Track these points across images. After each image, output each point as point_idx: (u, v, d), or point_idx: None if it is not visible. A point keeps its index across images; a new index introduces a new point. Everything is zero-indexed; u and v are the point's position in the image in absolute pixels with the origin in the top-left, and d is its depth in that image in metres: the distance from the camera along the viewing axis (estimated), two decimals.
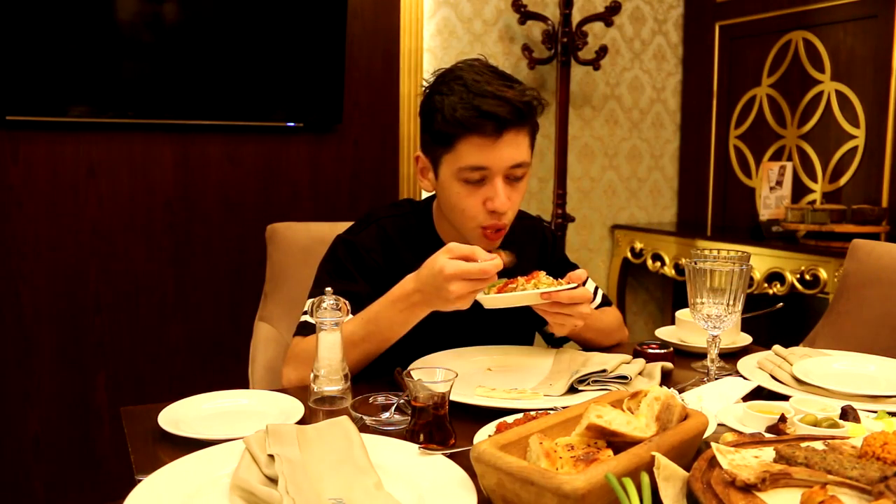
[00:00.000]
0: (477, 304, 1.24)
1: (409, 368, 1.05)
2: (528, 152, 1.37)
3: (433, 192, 1.46)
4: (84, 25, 2.32)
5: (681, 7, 3.52)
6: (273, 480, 0.85)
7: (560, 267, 1.64)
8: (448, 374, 1.02)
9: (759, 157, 3.26)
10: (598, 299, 1.58)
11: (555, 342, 1.60)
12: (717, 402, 1.13)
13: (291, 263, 1.80)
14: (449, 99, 1.31)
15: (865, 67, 2.85)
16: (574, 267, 1.69)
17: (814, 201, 3.01)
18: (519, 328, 1.56)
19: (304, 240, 1.80)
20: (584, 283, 1.29)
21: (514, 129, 1.32)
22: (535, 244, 1.62)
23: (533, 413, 1.04)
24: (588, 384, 1.23)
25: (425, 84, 1.41)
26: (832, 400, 1.13)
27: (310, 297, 1.42)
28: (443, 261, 1.17)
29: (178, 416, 1.10)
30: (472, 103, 1.29)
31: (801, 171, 3.08)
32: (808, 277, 2.57)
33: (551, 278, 1.28)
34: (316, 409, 1.17)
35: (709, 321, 1.25)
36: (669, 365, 1.36)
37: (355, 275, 1.41)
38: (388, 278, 1.39)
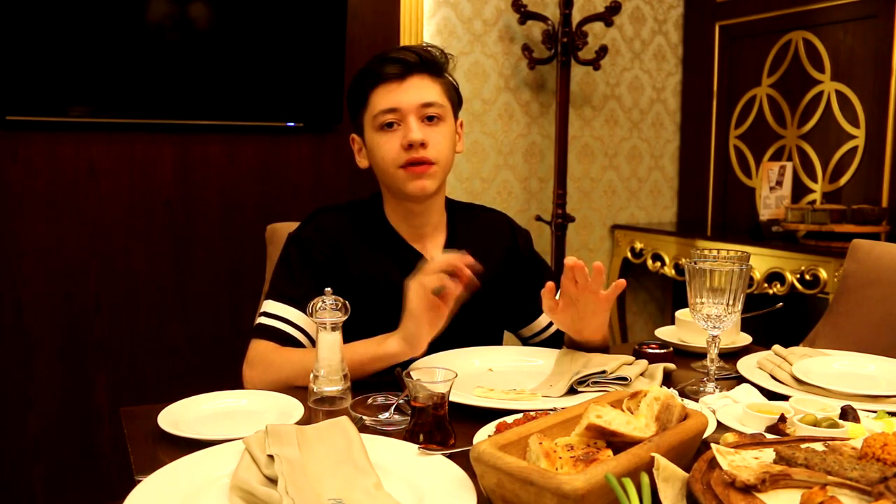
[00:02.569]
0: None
1: (408, 368, 1.05)
2: (440, 96, 1.43)
3: (369, 166, 1.50)
4: (83, 25, 2.31)
5: (681, 7, 3.52)
6: (273, 481, 0.85)
7: (531, 265, 1.59)
8: (448, 374, 1.02)
9: (759, 157, 3.26)
10: None
11: (529, 344, 1.59)
12: (719, 402, 1.13)
13: None
14: (364, 67, 1.45)
15: (865, 67, 2.85)
16: (545, 265, 1.63)
17: (814, 201, 3.01)
18: (487, 328, 1.55)
19: None
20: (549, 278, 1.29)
21: (420, 74, 1.42)
22: (501, 243, 1.58)
23: (533, 413, 1.04)
24: (588, 385, 1.23)
25: None
26: (832, 400, 1.13)
27: (266, 297, 1.44)
28: None
29: (177, 417, 1.10)
30: (380, 58, 1.43)
31: (801, 171, 3.08)
32: (808, 277, 2.57)
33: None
34: (316, 409, 1.17)
35: (709, 321, 1.25)
36: (672, 366, 1.36)
37: (306, 274, 1.43)
38: (331, 271, 1.42)
